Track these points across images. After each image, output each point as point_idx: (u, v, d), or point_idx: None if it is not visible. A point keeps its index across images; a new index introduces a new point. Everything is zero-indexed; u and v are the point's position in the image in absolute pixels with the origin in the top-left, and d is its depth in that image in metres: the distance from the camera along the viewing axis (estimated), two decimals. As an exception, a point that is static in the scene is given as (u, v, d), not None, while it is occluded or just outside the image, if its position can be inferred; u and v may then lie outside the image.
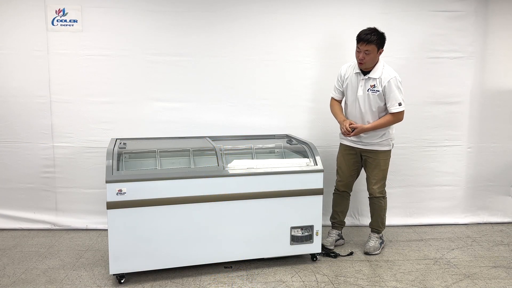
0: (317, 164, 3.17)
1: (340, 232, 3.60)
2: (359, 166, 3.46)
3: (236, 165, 3.07)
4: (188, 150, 3.14)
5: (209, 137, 3.57)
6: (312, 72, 3.88)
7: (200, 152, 3.20)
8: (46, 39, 3.62)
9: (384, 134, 3.30)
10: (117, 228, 2.79)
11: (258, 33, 3.80)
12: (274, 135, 3.80)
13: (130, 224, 2.81)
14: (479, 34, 3.93)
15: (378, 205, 3.43)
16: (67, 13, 3.60)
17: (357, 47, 3.14)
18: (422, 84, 3.96)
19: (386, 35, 3.87)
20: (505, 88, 4.06)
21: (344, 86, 3.35)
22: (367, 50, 3.08)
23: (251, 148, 3.38)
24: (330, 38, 3.86)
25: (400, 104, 3.17)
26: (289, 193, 3.09)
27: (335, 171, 3.57)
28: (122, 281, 2.88)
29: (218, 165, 3.00)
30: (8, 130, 3.72)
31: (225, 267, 3.14)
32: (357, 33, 3.16)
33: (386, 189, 4.10)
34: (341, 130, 3.31)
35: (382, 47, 3.17)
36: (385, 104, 3.20)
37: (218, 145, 3.22)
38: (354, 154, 3.39)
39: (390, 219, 4.10)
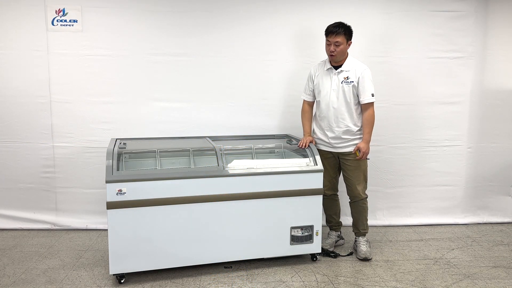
0: (317, 164, 3.17)
1: (339, 233, 3.60)
2: (339, 166, 3.43)
3: (236, 165, 3.07)
4: (188, 150, 3.14)
5: (209, 137, 3.57)
6: (312, 72, 3.88)
7: (200, 152, 3.20)
8: (46, 39, 3.62)
9: (356, 132, 3.27)
10: (117, 228, 2.79)
11: (258, 33, 3.80)
12: (274, 135, 3.80)
13: (130, 224, 2.81)
14: (479, 34, 3.93)
15: (362, 207, 3.37)
16: (67, 13, 3.60)
17: (327, 40, 3.19)
18: (422, 84, 3.96)
19: (386, 35, 3.89)
20: (505, 88, 4.05)
21: (315, 84, 3.36)
22: (337, 42, 3.14)
23: (251, 148, 3.38)
24: (330, 38, 3.86)
25: (372, 95, 3.20)
26: (289, 193, 3.09)
27: None
28: (122, 281, 2.88)
29: (218, 165, 3.00)
30: (8, 130, 3.72)
31: (225, 267, 3.14)
32: (325, 27, 3.22)
33: (387, 189, 4.11)
34: (300, 142, 3.33)
35: (351, 39, 3.22)
36: (358, 96, 3.23)
37: (218, 145, 3.22)
38: (332, 156, 3.37)
39: (390, 219, 4.11)
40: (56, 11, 3.60)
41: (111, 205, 2.75)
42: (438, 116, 4.02)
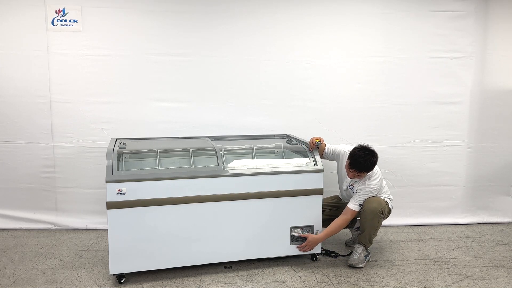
0: (317, 164, 3.17)
1: (357, 227, 3.50)
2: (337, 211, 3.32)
3: (236, 165, 3.07)
4: (188, 150, 3.14)
5: (209, 137, 3.57)
6: (312, 72, 3.88)
7: (200, 152, 3.20)
8: (46, 39, 3.62)
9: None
10: (117, 228, 2.79)
11: (258, 33, 3.80)
12: (274, 135, 3.81)
13: (130, 224, 2.81)
14: (479, 34, 3.94)
15: (370, 222, 3.11)
16: (67, 13, 3.61)
17: (349, 166, 3.05)
18: (422, 84, 3.96)
19: (386, 34, 3.89)
20: (505, 88, 4.06)
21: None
22: (358, 175, 3.08)
23: (251, 148, 3.38)
24: (330, 37, 3.86)
25: (360, 205, 3.11)
26: (289, 193, 3.09)
27: (336, 172, 3.55)
28: (122, 281, 2.88)
29: (218, 165, 3.00)
30: (8, 130, 3.72)
31: (225, 267, 3.14)
32: (353, 153, 3.05)
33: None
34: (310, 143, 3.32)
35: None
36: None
37: (218, 145, 3.22)
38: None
39: (390, 219, 4.08)
40: (56, 11, 3.60)
41: (111, 205, 2.75)
42: (438, 116, 4.02)
